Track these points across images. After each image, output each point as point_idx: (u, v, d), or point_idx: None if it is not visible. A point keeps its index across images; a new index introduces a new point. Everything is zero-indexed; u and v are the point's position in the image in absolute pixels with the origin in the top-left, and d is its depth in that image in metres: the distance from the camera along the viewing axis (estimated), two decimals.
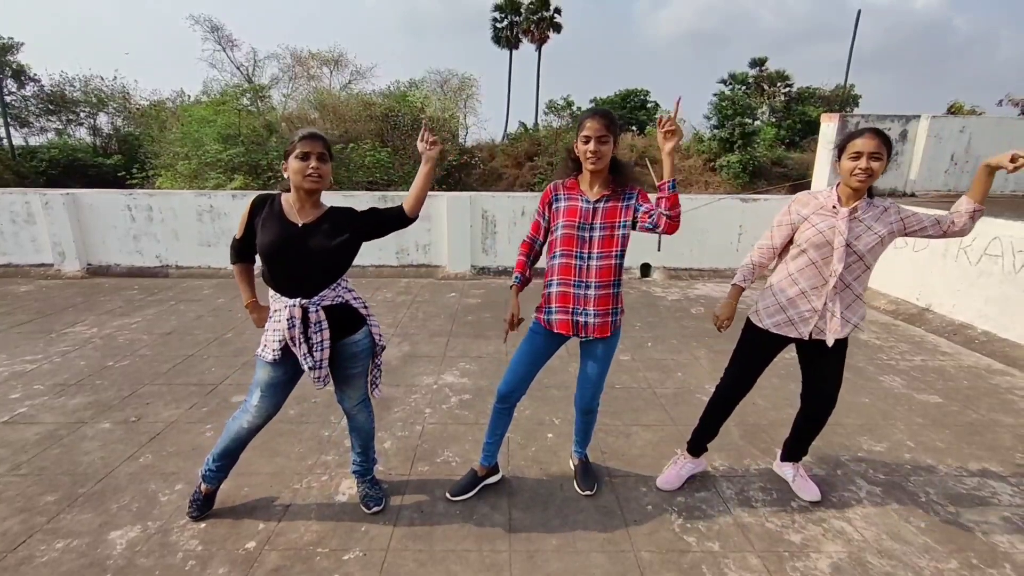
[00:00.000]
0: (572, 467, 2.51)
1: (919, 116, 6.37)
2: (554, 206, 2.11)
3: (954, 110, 18.06)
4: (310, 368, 1.93)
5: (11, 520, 2.12)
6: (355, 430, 2.24)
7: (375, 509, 2.19)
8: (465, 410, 3.12)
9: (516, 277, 2.26)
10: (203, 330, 4.39)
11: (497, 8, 33.04)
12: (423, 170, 2.03)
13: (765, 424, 3.00)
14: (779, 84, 31.74)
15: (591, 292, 2.07)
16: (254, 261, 2.06)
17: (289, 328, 1.88)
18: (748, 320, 2.29)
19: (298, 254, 1.85)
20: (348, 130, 18.23)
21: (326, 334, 1.92)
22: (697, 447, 2.46)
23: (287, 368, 1.99)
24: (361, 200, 6.29)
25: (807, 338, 2.13)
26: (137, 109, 24.82)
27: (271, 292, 1.94)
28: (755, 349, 2.27)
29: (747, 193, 12.69)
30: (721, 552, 2.02)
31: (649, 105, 30.76)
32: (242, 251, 2.03)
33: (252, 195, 2.19)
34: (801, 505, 2.31)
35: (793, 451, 2.43)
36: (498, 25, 33.51)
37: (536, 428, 2.91)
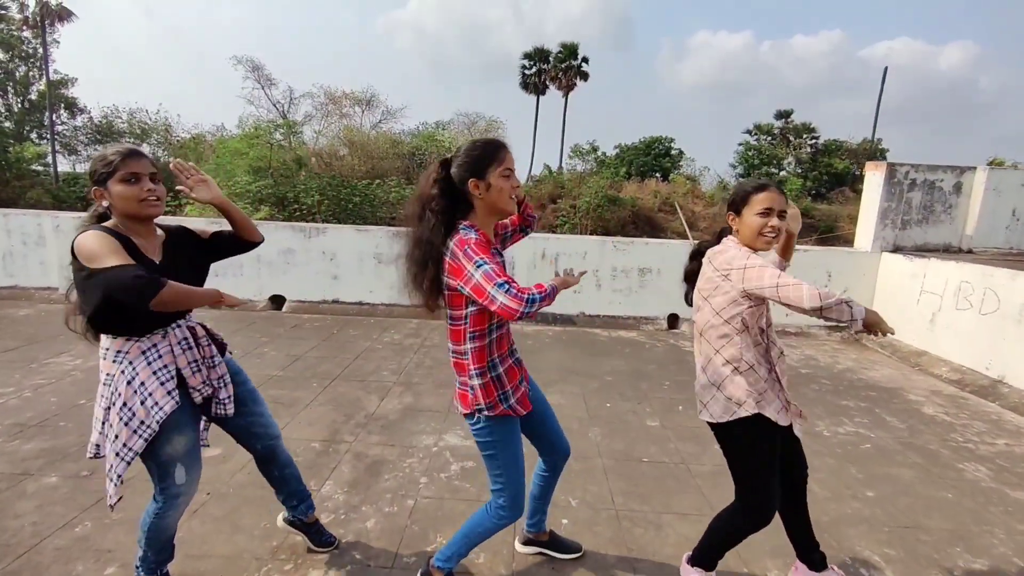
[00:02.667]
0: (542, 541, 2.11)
1: (975, 168, 5.92)
2: (495, 249, 1.64)
3: (995, 165, 17.47)
4: (217, 388, 1.67)
5: None
6: (285, 466, 1.96)
7: (334, 544, 2.07)
8: (466, 481, 2.66)
9: (553, 286, 1.55)
10: None
11: (527, 56, 34.07)
12: (217, 203, 1.79)
13: (826, 522, 2.47)
14: (805, 136, 31.63)
15: (516, 359, 1.77)
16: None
17: (187, 350, 1.64)
18: (757, 418, 1.70)
19: (183, 278, 1.54)
20: (375, 167, 18.49)
21: (214, 348, 1.72)
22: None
23: (189, 412, 1.64)
24: (375, 235, 6.04)
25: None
26: (177, 141, 25.84)
27: (125, 344, 1.55)
28: (772, 444, 1.75)
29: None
30: None
31: (673, 152, 30.83)
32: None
33: (266, 224, 1.87)
34: None
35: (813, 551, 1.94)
36: (527, 72, 34.46)
37: (550, 511, 2.43)
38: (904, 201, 5.96)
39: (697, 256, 1.90)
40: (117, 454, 1.53)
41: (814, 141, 31.54)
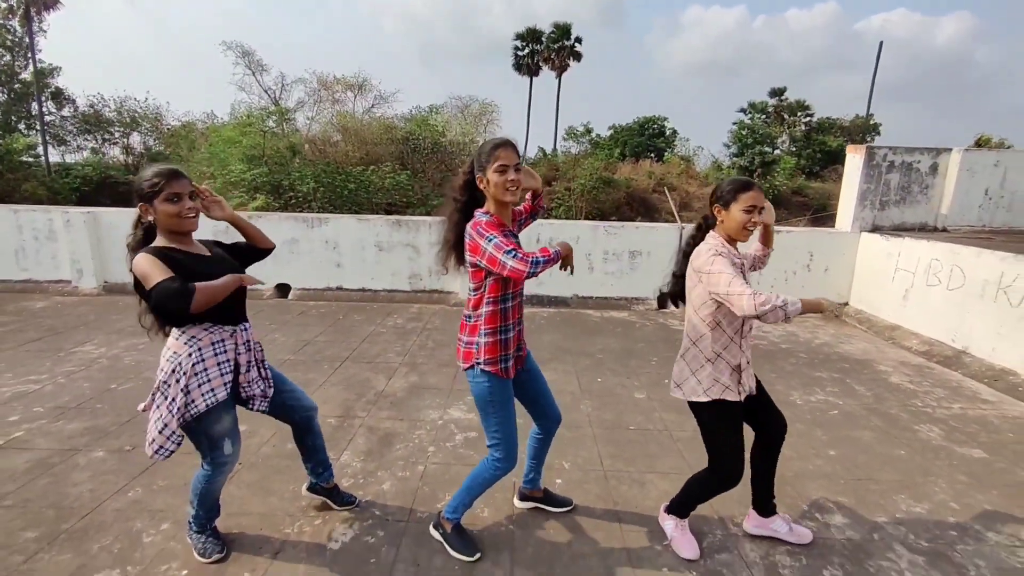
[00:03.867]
0: (537, 498, 2.42)
1: (950, 149, 6.17)
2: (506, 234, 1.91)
3: (982, 143, 17.68)
4: (262, 380, 2.00)
5: None
6: (318, 436, 2.25)
7: (354, 503, 2.36)
8: (470, 449, 2.96)
9: (556, 250, 1.84)
10: None
11: (519, 37, 33.77)
12: (230, 220, 2.06)
13: (790, 474, 2.78)
14: (799, 114, 31.65)
15: (522, 330, 2.07)
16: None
17: (246, 351, 1.92)
18: (719, 401, 1.99)
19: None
20: (369, 152, 18.52)
21: (265, 360, 2.05)
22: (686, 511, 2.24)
23: (233, 397, 1.94)
24: (376, 224, 6.26)
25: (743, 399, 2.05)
26: (168, 130, 25.69)
27: (199, 329, 1.82)
28: (736, 421, 2.05)
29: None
30: None
31: (667, 132, 30.85)
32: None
33: (270, 215, 2.13)
34: (833, 573, 2.09)
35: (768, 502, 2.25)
36: (519, 53, 34.19)
37: (545, 473, 2.72)
38: (883, 183, 6.22)
39: (688, 255, 2.11)
40: (163, 420, 1.80)
41: (808, 119, 31.58)
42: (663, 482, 2.70)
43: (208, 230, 5.57)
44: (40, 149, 23.76)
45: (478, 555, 2.09)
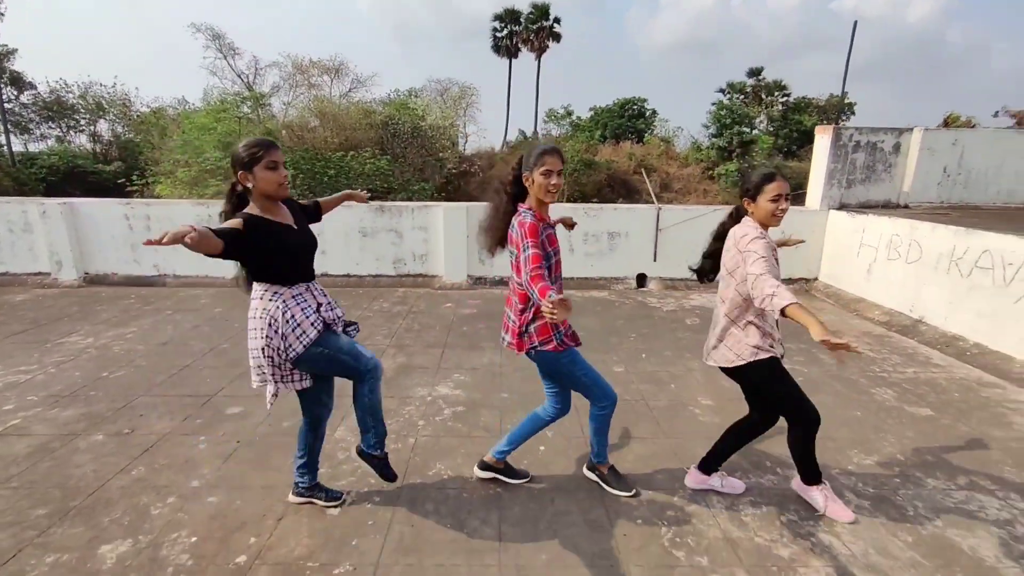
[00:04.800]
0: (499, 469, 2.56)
1: (911, 129, 6.43)
2: (543, 234, 2.09)
3: (950, 121, 18.19)
4: (340, 319, 2.13)
5: (1, 534, 2.12)
6: (376, 392, 2.18)
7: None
8: (458, 422, 3.13)
9: (551, 294, 1.84)
10: (199, 340, 4.40)
11: (497, 18, 33.30)
12: (344, 197, 2.50)
13: (758, 440, 3.00)
14: (776, 94, 32.00)
15: None
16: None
17: (321, 298, 2.09)
18: (771, 359, 2.18)
19: (305, 249, 2.04)
20: (348, 138, 18.28)
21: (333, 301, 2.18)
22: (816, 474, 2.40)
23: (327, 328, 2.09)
24: (359, 210, 6.31)
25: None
26: (137, 116, 24.93)
27: (279, 286, 1.97)
28: (783, 372, 2.24)
29: None
30: (710, 567, 2.03)
31: (647, 113, 30.95)
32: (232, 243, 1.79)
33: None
34: (790, 520, 2.32)
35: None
36: (498, 35, 33.76)
37: (529, 441, 2.91)
38: (849, 162, 6.47)
39: (720, 237, 2.31)
40: (278, 365, 1.96)
41: (785, 99, 31.94)
42: (639, 446, 2.91)
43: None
44: (2, 138, 22.88)
45: (635, 491, 2.44)
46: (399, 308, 5.50)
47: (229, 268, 2.08)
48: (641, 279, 6.60)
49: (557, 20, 32.72)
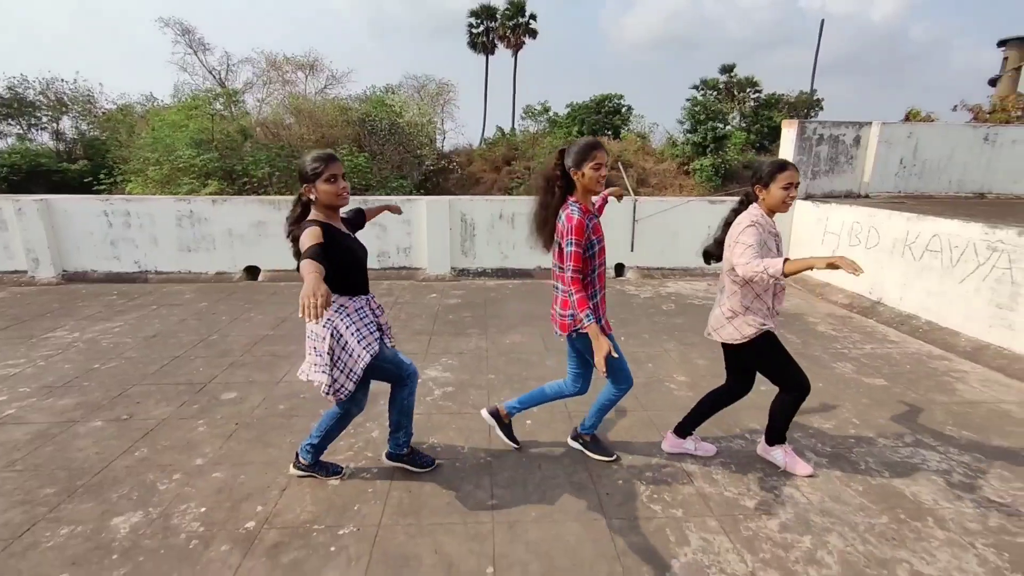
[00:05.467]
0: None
1: (871, 123, 6.80)
2: (588, 227, 2.24)
3: (911, 115, 18.97)
4: (389, 339, 2.34)
5: (12, 511, 2.21)
6: (413, 395, 2.41)
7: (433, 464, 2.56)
8: (448, 401, 3.28)
9: (590, 315, 2.16)
10: (188, 333, 4.46)
11: (473, 14, 33.30)
12: (382, 208, 2.70)
13: (728, 410, 3.23)
14: (748, 90, 32.76)
15: (603, 292, 2.43)
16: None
17: (378, 311, 2.29)
18: (765, 334, 2.37)
19: (364, 258, 2.26)
20: (324, 135, 18.15)
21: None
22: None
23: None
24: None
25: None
26: (103, 113, 24.22)
27: (345, 299, 2.14)
28: (777, 344, 2.43)
29: (717, 196, 13.19)
30: (684, 517, 2.24)
31: (623, 109, 31.38)
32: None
33: (235, 199, 2.35)
34: (757, 476, 2.55)
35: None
36: (474, 31, 33.77)
37: (516, 416, 3.09)
38: (814, 154, 6.80)
39: (729, 224, 2.46)
40: (340, 378, 2.10)
41: (757, 95, 32.74)
42: (619, 418, 3.11)
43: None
44: None
45: (615, 456, 2.65)
46: (385, 299, 5.61)
47: (212, 264, 2.17)
48: (619, 268, 6.83)
49: (533, 17, 32.89)
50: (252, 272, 6.42)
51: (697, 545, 2.08)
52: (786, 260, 1.99)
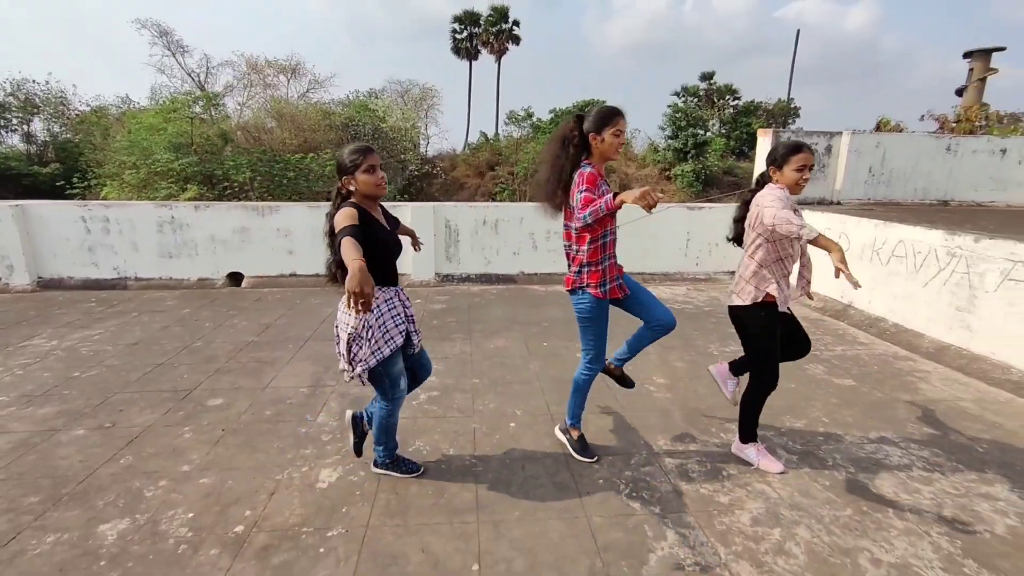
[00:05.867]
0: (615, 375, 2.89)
1: (841, 133, 7.06)
2: (601, 188, 2.28)
3: (882, 124, 19.63)
4: (416, 332, 2.38)
5: None
6: (392, 417, 2.45)
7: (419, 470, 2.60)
8: (433, 405, 3.34)
9: (608, 198, 2.13)
10: (171, 340, 4.44)
11: (457, 20, 33.45)
12: (410, 232, 2.81)
13: (704, 408, 3.37)
14: (728, 97, 33.46)
15: (616, 260, 2.50)
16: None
17: (407, 304, 2.35)
18: (772, 313, 2.48)
19: (397, 249, 2.30)
20: (307, 139, 18.07)
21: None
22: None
23: (402, 345, 2.31)
24: (323, 209, 6.40)
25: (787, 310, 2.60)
26: (76, 115, 23.70)
27: (375, 290, 2.14)
28: (775, 331, 2.55)
29: (696, 202, 13.45)
30: (661, 514, 2.34)
31: None
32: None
33: (218, 204, 2.40)
34: (730, 474, 2.66)
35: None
36: (457, 36, 33.91)
37: (500, 419, 3.17)
38: None
39: (745, 205, 2.57)
40: (362, 360, 2.18)
41: (736, 102, 33.45)
42: (599, 420, 3.21)
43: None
44: None
45: (596, 457, 2.70)
46: None
47: (194, 270, 2.21)
48: None
49: (516, 23, 33.16)
50: (235, 278, 6.39)
51: (674, 539, 2.18)
52: (821, 235, 2.08)
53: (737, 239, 2.70)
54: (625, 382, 2.94)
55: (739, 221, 2.64)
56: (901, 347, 4.53)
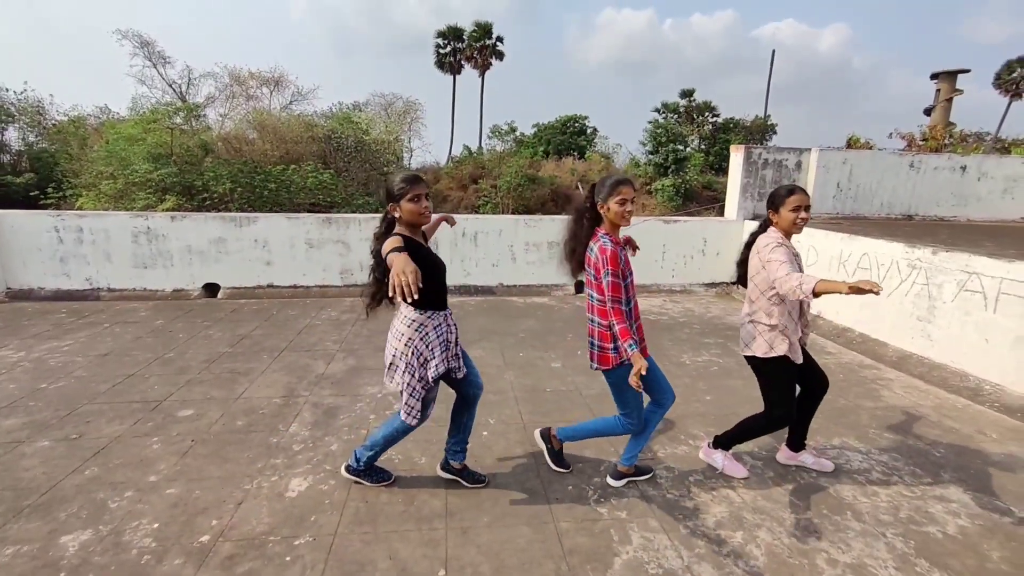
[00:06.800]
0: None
1: (810, 149, 7.31)
2: (622, 258, 2.34)
3: (852, 142, 20.29)
4: (459, 356, 2.42)
5: None
6: (473, 416, 2.60)
7: (484, 482, 2.63)
8: None
9: (633, 344, 2.17)
10: (143, 351, 4.38)
11: (440, 35, 33.83)
12: (440, 220, 2.79)
13: (674, 418, 3.43)
14: (706, 114, 34.30)
15: (639, 321, 2.48)
16: None
17: (455, 330, 2.39)
18: (785, 359, 2.50)
19: (444, 272, 2.36)
20: (289, 151, 17.99)
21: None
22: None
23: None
24: (305, 222, 6.41)
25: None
26: (53, 125, 23.31)
27: (424, 317, 2.26)
28: (793, 375, 2.59)
29: (672, 216, 13.70)
30: (627, 519, 2.38)
31: (588, 130, 32.31)
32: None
33: (195, 215, 2.42)
34: (696, 480, 2.72)
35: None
36: (441, 51, 34.26)
37: (473, 428, 3.19)
38: (759, 177, 7.25)
39: (749, 246, 2.59)
40: (411, 386, 2.25)
41: (714, 119, 34.30)
42: None
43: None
44: None
45: (569, 468, 2.75)
46: (348, 316, 5.64)
47: (168, 281, 2.21)
48: (579, 286, 7.05)
49: (500, 39, 33.65)
50: (211, 289, 6.32)
51: (638, 543, 2.22)
52: (819, 281, 2.05)
53: (741, 280, 2.71)
54: (562, 462, 2.79)
55: (742, 264, 2.66)
56: (867, 356, 4.68)
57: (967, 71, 24.60)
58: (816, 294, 2.04)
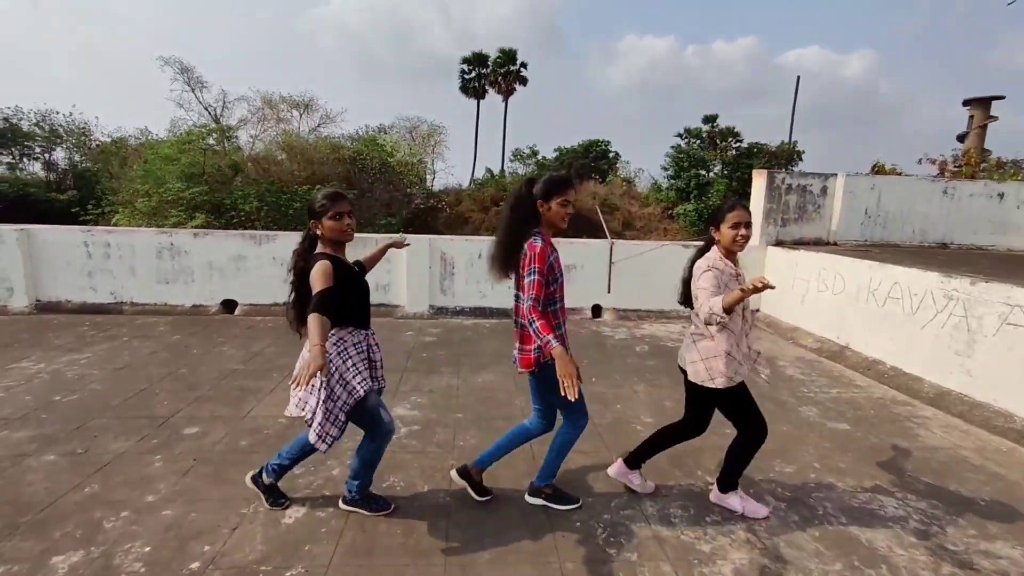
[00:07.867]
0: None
1: (836, 174, 7.12)
2: (551, 258, 2.24)
3: (878, 168, 19.84)
4: (381, 378, 2.41)
5: None
6: (380, 451, 2.45)
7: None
8: (413, 440, 3.26)
9: (554, 340, 2.08)
10: (157, 366, 4.41)
11: (465, 61, 34.67)
12: (384, 249, 2.80)
13: (690, 451, 3.26)
14: (729, 139, 34.08)
15: (565, 326, 2.39)
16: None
17: (377, 348, 2.38)
18: (725, 390, 2.42)
19: (367, 292, 2.34)
20: (315, 172, 18.45)
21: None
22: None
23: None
24: None
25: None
26: (97, 145, 24.47)
27: (341, 331, 2.22)
28: (747, 393, 2.52)
29: (691, 240, 13.49)
30: (638, 561, 2.23)
31: (610, 155, 32.40)
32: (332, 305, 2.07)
33: (217, 232, 2.42)
34: (714, 520, 2.55)
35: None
36: (466, 76, 35.05)
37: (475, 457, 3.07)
38: (783, 203, 7.08)
39: (692, 264, 2.51)
40: (330, 412, 2.14)
41: (738, 144, 34.06)
42: (582, 459, 3.11)
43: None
44: None
45: (579, 502, 2.60)
46: None
47: (188, 296, 2.21)
48: (596, 310, 6.92)
49: (524, 65, 34.30)
50: (229, 305, 6.40)
51: None
52: (723, 298, 2.08)
53: (685, 300, 2.60)
54: (481, 488, 2.65)
55: (686, 283, 2.56)
56: (900, 391, 4.42)
57: (1002, 97, 23.91)
58: (727, 311, 2.08)
